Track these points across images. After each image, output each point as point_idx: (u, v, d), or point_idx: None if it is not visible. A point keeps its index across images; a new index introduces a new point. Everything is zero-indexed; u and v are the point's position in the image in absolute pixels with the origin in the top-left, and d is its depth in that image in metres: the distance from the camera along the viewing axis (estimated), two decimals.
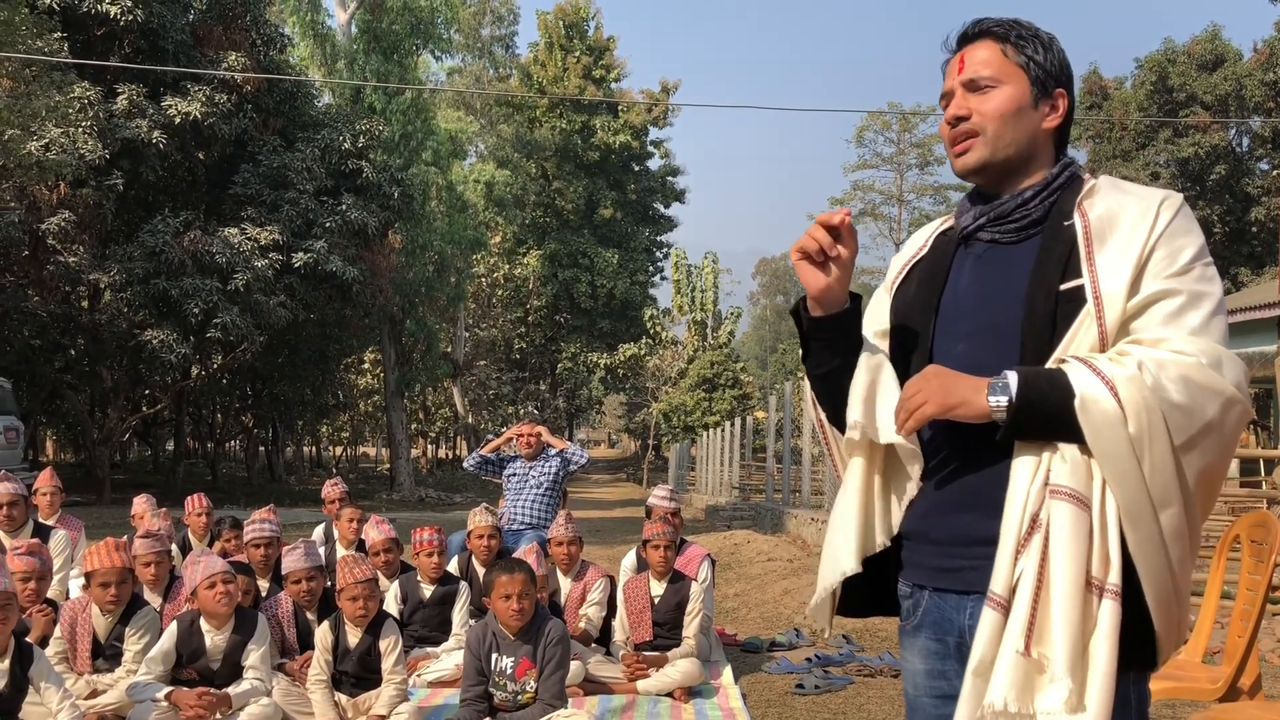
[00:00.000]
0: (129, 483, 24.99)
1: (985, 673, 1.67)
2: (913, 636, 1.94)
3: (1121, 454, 1.63)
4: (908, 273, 2.03)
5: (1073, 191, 1.86)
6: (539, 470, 7.71)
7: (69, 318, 21.87)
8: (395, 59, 28.18)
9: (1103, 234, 1.77)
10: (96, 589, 4.86)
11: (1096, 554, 1.65)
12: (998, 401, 1.70)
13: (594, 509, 23.89)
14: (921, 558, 1.90)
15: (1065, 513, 1.66)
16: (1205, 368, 1.64)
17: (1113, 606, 1.63)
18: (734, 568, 11.00)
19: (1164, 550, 1.66)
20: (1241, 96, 30.88)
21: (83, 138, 18.35)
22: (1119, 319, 1.72)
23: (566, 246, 47.37)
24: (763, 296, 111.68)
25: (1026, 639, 1.64)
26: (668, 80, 51.17)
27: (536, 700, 4.36)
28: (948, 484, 1.84)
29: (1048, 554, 1.66)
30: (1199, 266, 1.74)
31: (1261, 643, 6.25)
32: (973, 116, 1.87)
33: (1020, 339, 1.78)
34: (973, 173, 1.89)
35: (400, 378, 30.93)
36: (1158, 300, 1.71)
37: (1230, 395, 1.65)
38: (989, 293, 1.86)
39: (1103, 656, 1.62)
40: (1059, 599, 1.63)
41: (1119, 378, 1.64)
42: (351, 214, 22.80)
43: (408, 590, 6.14)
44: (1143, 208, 1.77)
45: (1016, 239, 1.87)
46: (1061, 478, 1.68)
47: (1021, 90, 1.86)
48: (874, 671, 6.15)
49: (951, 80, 1.92)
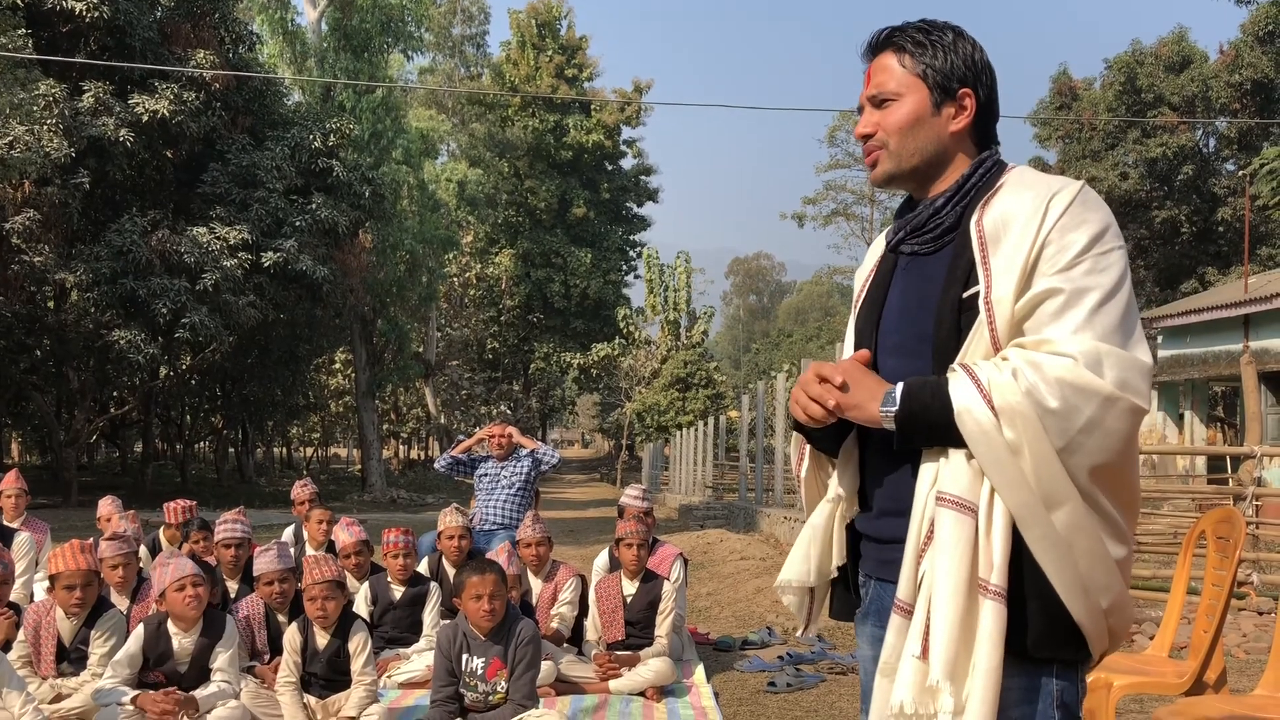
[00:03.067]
0: (96, 485, 24.70)
1: (889, 673, 1.75)
2: (863, 623, 2.00)
3: (1001, 460, 1.65)
4: (865, 292, 2.05)
5: (986, 189, 1.86)
6: (510, 470, 7.69)
7: (34, 318, 21.60)
8: (366, 57, 28.04)
9: (997, 236, 1.77)
10: (61, 591, 4.79)
11: (983, 556, 1.68)
12: (886, 411, 1.76)
13: (567, 509, 23.86)
14: (870, 552, 1.97)
15: (948, 519, 1.70)
16: (1080, 369, 1.64)
17: (995, 607, 1.66)
18: (707, 567, 11.02)
19: (1065, 546, 1.67)
20: (1208, 98, 31.22)
21: (48, 135, 18.13)
22: (1008, 323, 1.73)
23: (539, 246, 47.27)
24: (736, 296, 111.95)
25: (923, 643, 1.69)
26: (640, 79, 51.22)
27: (507, 701, 4.34)
28: (881, 489, 1.90)
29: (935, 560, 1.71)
30: (1088, 259, 1.71)
31: (1227, 637, 6.32)
32: (877, 132, 1.90)
33: (932, 350, 1.81)
34: (884, 184, 1.93)
35: (371, 378, 30.76)
36: (1043, 300, 1.71)
37: (1107, 394, 1.64)
38: (910, 305, 1.89)
39: (984, 656, 1.66)
40: (939, 604, 1.68)
41: (995, 385, 1.65)
42: (322, 213, 22.65)
43: (378, 591, 6.10)
44: (1034, 205, 1.76)
45: (934, 248, 1.89)
46: (946, 484, 1.71)
47: (920, 100, 1.87)
48: (845, 669, 6.17)
49: (862, 94, 1.95)
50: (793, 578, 2.03)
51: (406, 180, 29.96)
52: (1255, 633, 6.87)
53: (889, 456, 1.86)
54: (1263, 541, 8.77)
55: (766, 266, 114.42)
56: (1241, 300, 18.73)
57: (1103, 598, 1.71)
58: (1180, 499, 13.06)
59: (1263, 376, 17.10)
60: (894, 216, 2.03)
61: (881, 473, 1.90)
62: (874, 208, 58.36)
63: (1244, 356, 15.50)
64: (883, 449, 1.87)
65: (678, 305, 43.51)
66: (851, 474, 1.96)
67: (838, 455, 1.99)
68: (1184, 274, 32.26)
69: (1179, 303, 23.73)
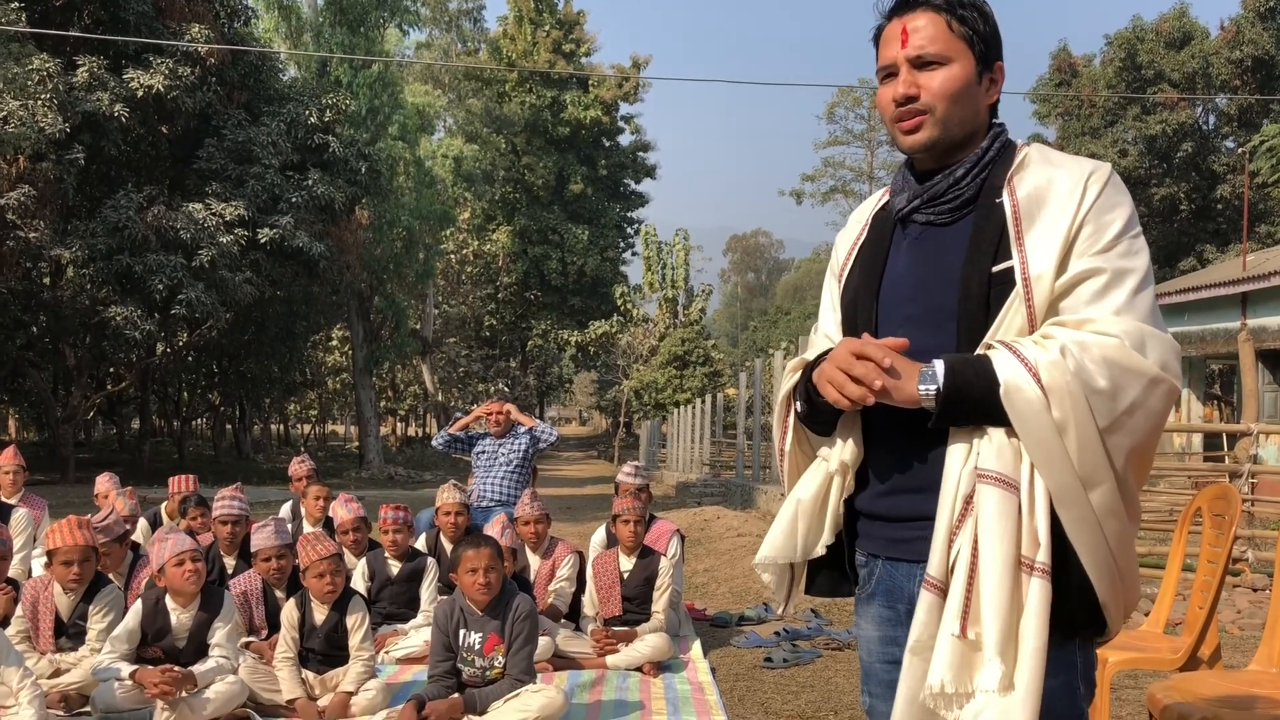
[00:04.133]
0: (94, 461, 24.71)
1: (922, 652, 1.72)
2: (866, 604, 1.97)
3: (1046, 439, 1.64)
4: (853, 258, 1.99)
5: (1004, 164, 1.83)
6: (508, 448, 7.70)
7: (30, 294, 21.55)
8: (362, 32, 27.85)
9: (1031, 213, 1.75)
10: (59, 567, 4.80)
11: (1026, 534, 1.67)
12: (926, 390, 1.71)
13: (565, 486, 23.91)
14: (876, 531, 1.92)
15: (992, 496, 1.68)
16: (1128, 349, 1.64)
17: (1042, 585, 1.66)
18: (704, 543, 11.05)
19: (1098, 527, 1.68)
20: (1208, 74, 31.12)
21: (42, 110, 18.02)
22: (1047, 300, 1.72)
23: (536, 223, 47.13)
24: (733, 274, 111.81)
25: (962, 621, 1.67)
26: (638, 55, 50.95)
27: (505, 676, 4.35)
28: (895, 466, 1.85)
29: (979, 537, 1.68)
30: (1125, 240, 1.72)
31: (1221, 614, 6.35)
32: (921, 95, 1.81)
33: (956, 323, 1.78)
34: (922, 151, 1.86)
35: (369, 355, 30.74)
36: (1084, 279, 1.70)
37: (1154, 375, 1.64)
38: (926, 276, 1.84)
39: (1032, 634, 1.65)
40: (988, 581, 1.66)
41: (1042, 363, 1.63)
42: (318, 189, 22.55)
43: (375, 567, 6.12)
44: (1070, 183, 1.75)
45: (950, 219, 1.85)
46: (988, 461, 1.69)
47: (968, 68, 1.81)
48: (841, 645, 6.20)
49: (893, 52, 1.85)
50: (777, 555, 1.97)
51: (403, 156, 29.83)
52: (1250, 609, 6.91)
53: (904, 432, 1.81)
54: (1258, 518, 8.80)
55: (764, 244, 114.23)
56: (1240, 278, 18.72)
57: (1125, 578, 1.73)
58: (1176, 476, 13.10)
59: (1260, 354, 17.11)
60: (895, 183, 1.96)
61: (894, 450, 1.85)
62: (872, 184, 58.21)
63: (1241, 334, 15.51)
64: (894, 424, 1.82)
65: (675, 283, 43.45)
66: (854, 450, 1.90)
67: (829, 433, 1.93)
68: (1182, 251, 32.23)
69: (1177, 280, 23.71)
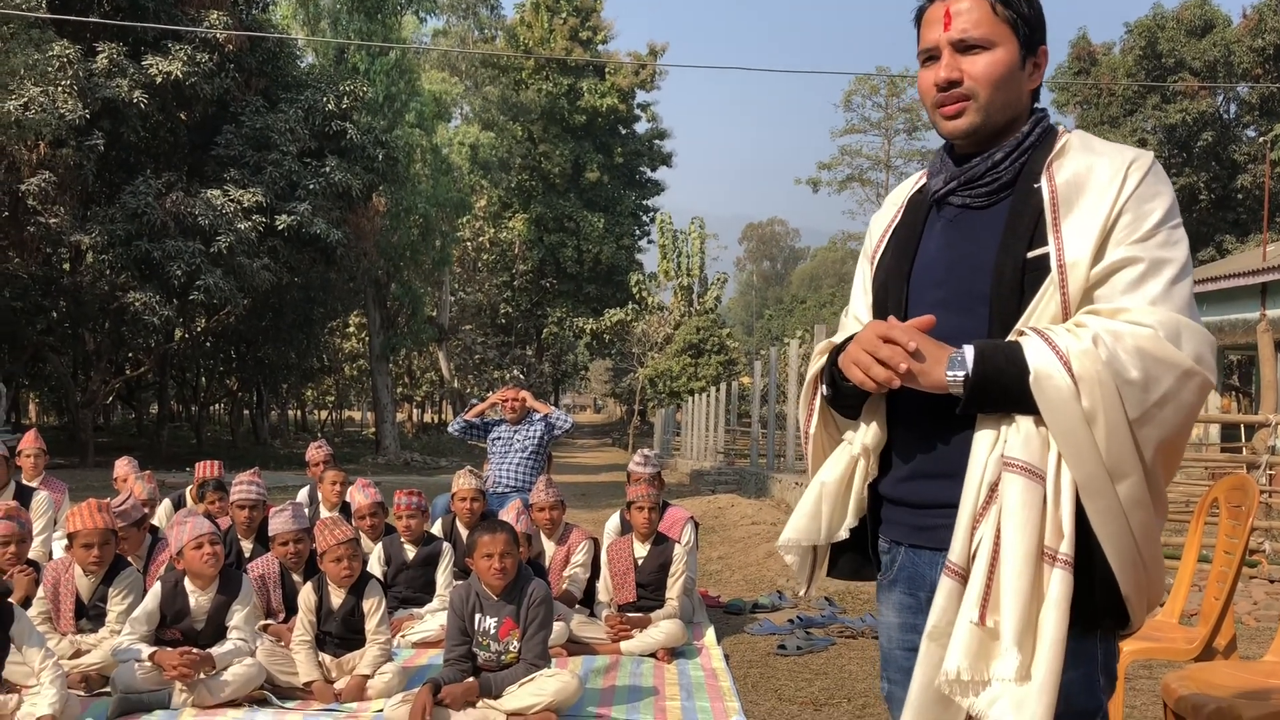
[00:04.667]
0: (113, 445, 24.89)
1: (939, 638, 1.71)
2: (888, 590, 1.96)
3: (1075, 429, 1.62)
4: (887, 240, 1.97)
5: (1044, 150, 1.81)
6: (523, 434, 7.72)
7: (50, 280, 21.70)
8: (379, 19, 27.82)
9: (1070, 199, 1.73)
10: (79, 550, 4.85)
11: (1050, 525, 1.65)
12: (954, 376, 1.69)
13: (579, 473, 23.96)
14: (899, 517, 1.91)
15: (1017, 485, 1.66)
16: (1162, 340, 1.61)
17: (1063, 576, 1.64)
18: (718, 531, 11.07)
19: (1124, 519, 1.66)
20: (1230, 63, 30.84)
21: (62, 97, 18.11)
22: (1082, 288, 1.69)
23: (552, 210, 47.12)
24: (749, 262, 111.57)
25: (981, 609, 1.66)
26: (655, 43, 50.81)
27: (520, 660, 4.38)
28: (920, 452, 1.84)
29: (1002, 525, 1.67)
30: (1165, 230, 1.70)
31: (1237, 605, 6.33)
32: (964, 80, 1.79)
33: (989, 308, 1.76)
34: (963, 137, 1.83)
35: (385, 342, 30.83)
36: (1120, 268, 1.68)
37: (1187, 368, 1.62)
38: (959, 259, 1.82)
39: (1051, 625, 1.64)
40: (1009, 571, 1.65)
41: (1074, 352, 1.61)
42: (335, 176, 22.60)
43: (391, 552, 6.16)
44: (1111, 171, 1.73)
45: (987, 203, 1.82)
46: (1015, 450, 1.67)
47: (1012, 53, 1.78)
48: (855, 633, 6.21)
49: (935, 34, 1.82)
50: (800, 537, 1.97)
51: (420, 144, 29.84)
52: (1266, 600, 6.89)
53: (929, 416, 1.80)
54: (1275, 510, 8.76)
55: (780, 232, 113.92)
56: (1259, 268, 18.58)
57: (1150, 571, 1.71)
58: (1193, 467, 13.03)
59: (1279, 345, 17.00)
60: (933, 165, 1.93)
61: (919, 434, 1.84)
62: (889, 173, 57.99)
63: (1260, 324, 15.40)
64: (919, 410, 1.81)
65: (691, 271, 43.39)
66: (877, 433, 1.89)
67: (855, 417, 1.92)
68: (1201, 241, 32.01)
69: (1196, 270, 23.49)
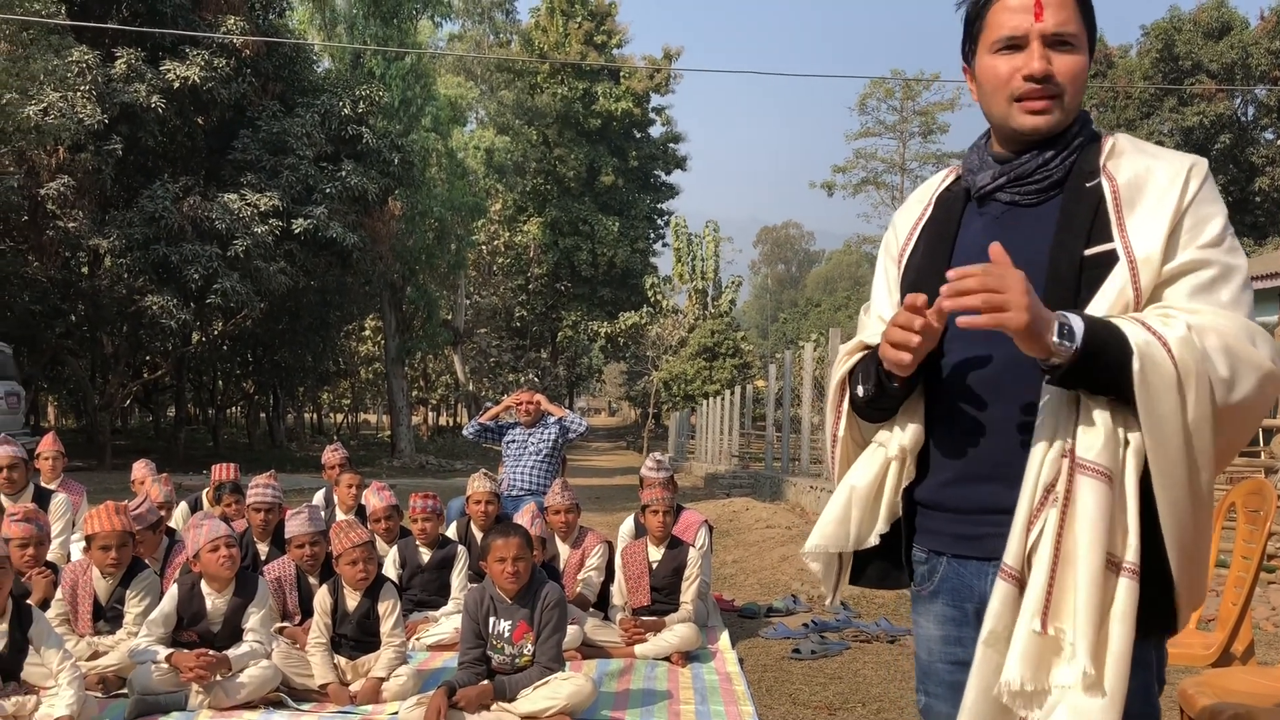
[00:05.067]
0: (130, 448, 25.04)
1: (996, 644, 1.65)
2: (929, 602, 1.88)
3: (1170, 416, 1.59)
4: (916, 237, 1.92)
5: (1092, 150, 1.79)
6: (538, 437, 7.73)
7: (69, 283, 21.84)
8: (395, 23, 27.95)
9: (1132, 199, 1.71)
10: (97, 552, 4.89)
11: (1118, 531, 1.62)
12: (1064, 344, 1.57)
13: (594, 476, 23.98)
14: (939, 525, 1.84)
15: (1092, 490, 1.60)
16: (1243, 341, 1.61)
17: (1130, 585, 1.60)
18: (733, 535, 11.05)
19: (1190, 515, 1.63)
20: (1247, 65, 30.66)
21: (81, 102, 18.24)
22: (1152, 284, 1.67)
23: (567, 214, 47.22)
24: (763, 265, 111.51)
25: (1043, 617, 1.60)
26: (670, 46, 50.84)
27: (534, 663, 4.39)
28: (968, 455, 1.77)
29: (1065, 529, 1.61)
30: (1229, 238, 1.70)
31: (1255, 610, 6.28)
32: (1055, 77, 1.73)
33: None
34: (1043, 134, 1.77)
35: (401, 345, 30.92)
36: (1190, 271, 1.66)
37: (1268, 370, 1.62)
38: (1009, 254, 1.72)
39: (1119, 636, 1.59)
40: (1083, 580, 1.60)
41: (1172, 339, 1.59)
42: (351, 180, 22.70)
43: (406, 555, 6.18)
44: (1171, 173, 1.71)
45: (1037, 200, 1.79)
46: (1089, 452, 1.62)
47: (1086, 55, 1.77)
48: (870, 637, 6.19)
49: (1023, 23, 1.73)
50: (828, 544, 1.89)
51: (435, 148, 29.95)
52: None
53: (977, 415, 1.75)
54: None
55: (795, 235, 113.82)
56: (1277, 272, 18.44)
57: (1200, 572, 1.69)
58: None
59: None
60: (969, 162, 1.89)
61: (963, 433, 1.77)
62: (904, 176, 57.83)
63: (1278, 329, 15.30)
64: (964, 407, 1.76)
65: (705, 274, 43.39)
66: (916, 433, 1.83)
67: (886, 419, 1.87)
68: None
69: None
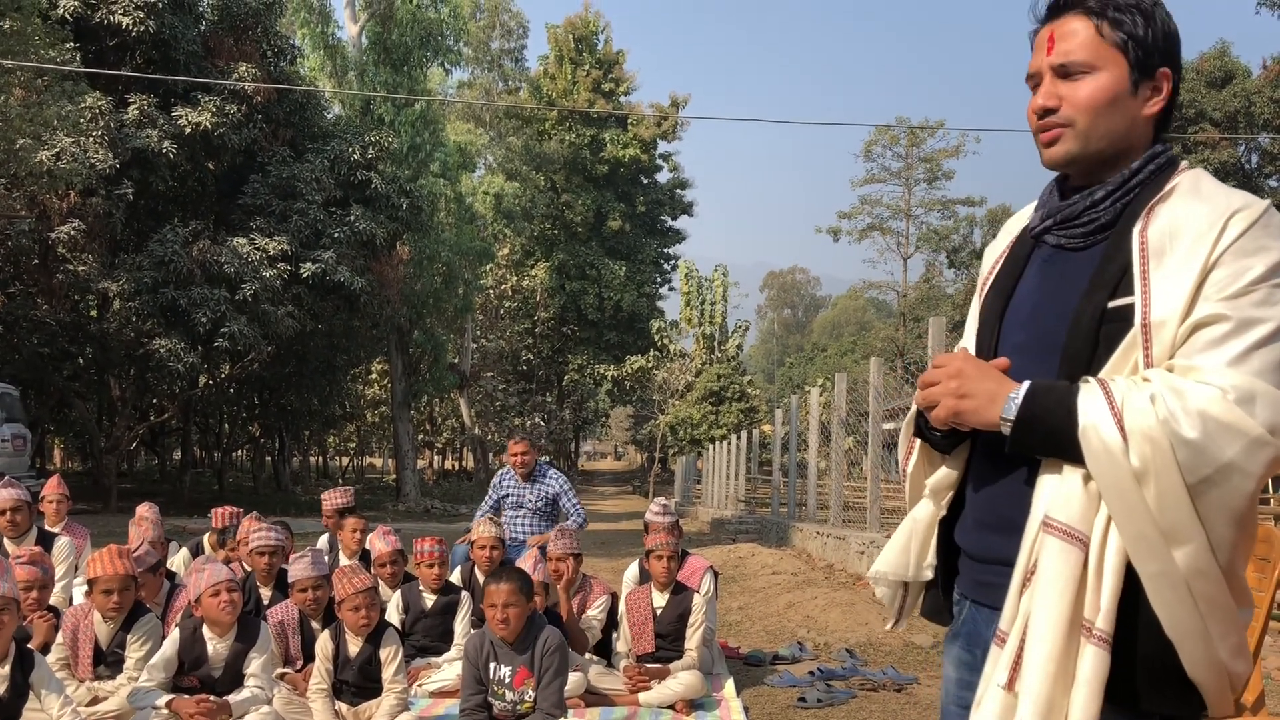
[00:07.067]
0: (136, 491, 25.00)
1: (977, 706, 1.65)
2: (951, 643, 1.89)
3: (1123, 487, 1.51)
4: (994, 274, 1.89)
5: (1154, 189, 1.68)
6: (533, 494, 7.70)
7: (77, 326, 21.96)
8: (405, 71, 28.32)
9: (1161, 249, 1.59)
10: (99, 595, 4.86)
11: (1089, 596, 1.55)
12: (1006, 413, 1.61)
13: (599, 521, 23.86)
14: (965, 569, 1.85)
15: (1052, 549, 1.57)
16: (1229, 403, 1.48)
17: (1097, 654, 1.52)
18: (738, 580, 10.98)
19: (1184, 588, 1.51)
20: (1251, 113, 30.88)
21: (93, 147, 18.45)
22: (1168, 351, 1.56)
23: (574, 258, 47.47)
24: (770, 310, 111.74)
25: (1011, 673, 1.58)
26: (677, 94, 51.41)
27: (536, 709, 4.35)
28: (981, 503, 1.78)
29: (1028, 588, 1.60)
30: (1263, 289, 1.53)
31: (1266, 660, 6.22)
32: (1062, 107, 1.70)
33: (1060, 356, 1.66)
34: (1062, 166, 1.74)
35: (407, 388, 30.97)
36: (1204, 325, 1.54)
37: (1256, 436, 1.48)
38: (1045, 302, 1.73)
39: (1079, 707, 1.52)
40: (1035, 640, 1.55)
41: (1129, 406, 1.51)
42: (360, 225, 22.87)
43: (410, 600, 6.14)
44: (1210, 220, 1.58)
45: (1083, 244, 1.71)
46: (1057, 510, 1.58)
47: (1119, 76, 1.68)
48: (876, 685, 6.13)
49: (1039, 60, 1.74)
50: (889, 571, 1.93)
51: (444, 193, 30.20)
52: None
53: (993, 464, 1.73)
54: None
55: (801, 280, 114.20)
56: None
57: (1225, 651, 1.54)
58: None
59: None
60: (1042, 197, 1.85)
61: (985, 481, 1.76)
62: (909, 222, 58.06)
63: None
64: (991, 455, 1.74)
65: (714, 318, 43.49)
66: (946, 475, 1.84)
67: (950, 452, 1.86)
68: None
69: None
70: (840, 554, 12.25)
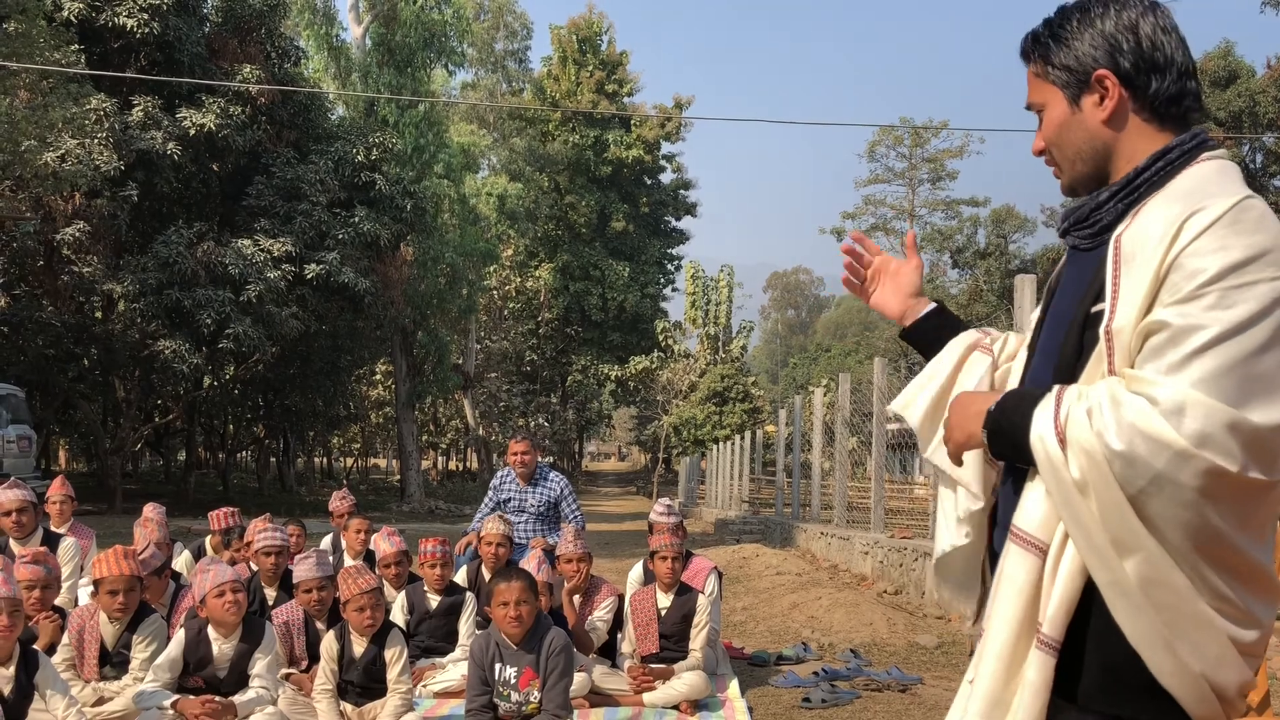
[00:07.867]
0: (141, 492, 25.02)
1: None
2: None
3: (1068, 497, 1.54)
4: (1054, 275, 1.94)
5: (1156, 188, 1.66)
6: (534, 497, 7.67)
7: (82, 328, 22.00)
8: (409, 72, 28.33)
9: (1132, 254, 1.59)
10: (105, 596, 4.87)
11: (1043, 601, 1.59)
12: (986, 425, 1.69)
13: (603, 522, 23.87)
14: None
15: (1011, 555, 1.64)
16: (1153, 414, 1.45)
17: (1041, 659, 1.57)
18: (742, 581, 10.98)
19: (1139, 597, 1.50)
20: (1255, 113, 30.81)
21: (98, 149, 18.49)
22: (1127, 358, 1.57)
23: (578, 259, 47.51)
24: (774, 310, 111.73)
25: (975, 672, 1.68)
26: (680, 95, 51.39)
27: (541, 710, 4.35)
28: (1000, 504, 1.84)
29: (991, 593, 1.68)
30: (1214, 291, 1.47)
31: (1271, 661, 6.21)
32: (1045, 145, 1.81)
33: (1055, 362, 1.71)
34: (1070, 194, 1.82)
35: (411, 389, 30.99)
36: (1150, 333, 1.53)
37: (1179, 449, 1.44)
38: (1059, 304, 1.78)
39: (1024, 707, 1.58)
40: (989, 640, 1.63)
41: (1070, 418, 1.53)
42: (364, 226, 22.90)
43: (415, 601, 6.14)
44: (1168, 221, 1.55)
45: (1090, 246, 1.73)
46: (1020, 518, 1.64)
47: (1057, 103, 1.75)
48: (881, 686, 6.13)
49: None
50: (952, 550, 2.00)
51: (448, 194, 30.22)
52: None
53: (1009, 468, 1.78)
54: None
55: (805, 281, 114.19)
56: None
57: (1196, 659, 1.51)
58: None
59: None
60: None
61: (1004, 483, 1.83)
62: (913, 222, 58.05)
63: None
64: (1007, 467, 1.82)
65: (718, 319, 43.50)
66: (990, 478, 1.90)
67: None
68: None
69: None
70: (844, 554, 12.25)
